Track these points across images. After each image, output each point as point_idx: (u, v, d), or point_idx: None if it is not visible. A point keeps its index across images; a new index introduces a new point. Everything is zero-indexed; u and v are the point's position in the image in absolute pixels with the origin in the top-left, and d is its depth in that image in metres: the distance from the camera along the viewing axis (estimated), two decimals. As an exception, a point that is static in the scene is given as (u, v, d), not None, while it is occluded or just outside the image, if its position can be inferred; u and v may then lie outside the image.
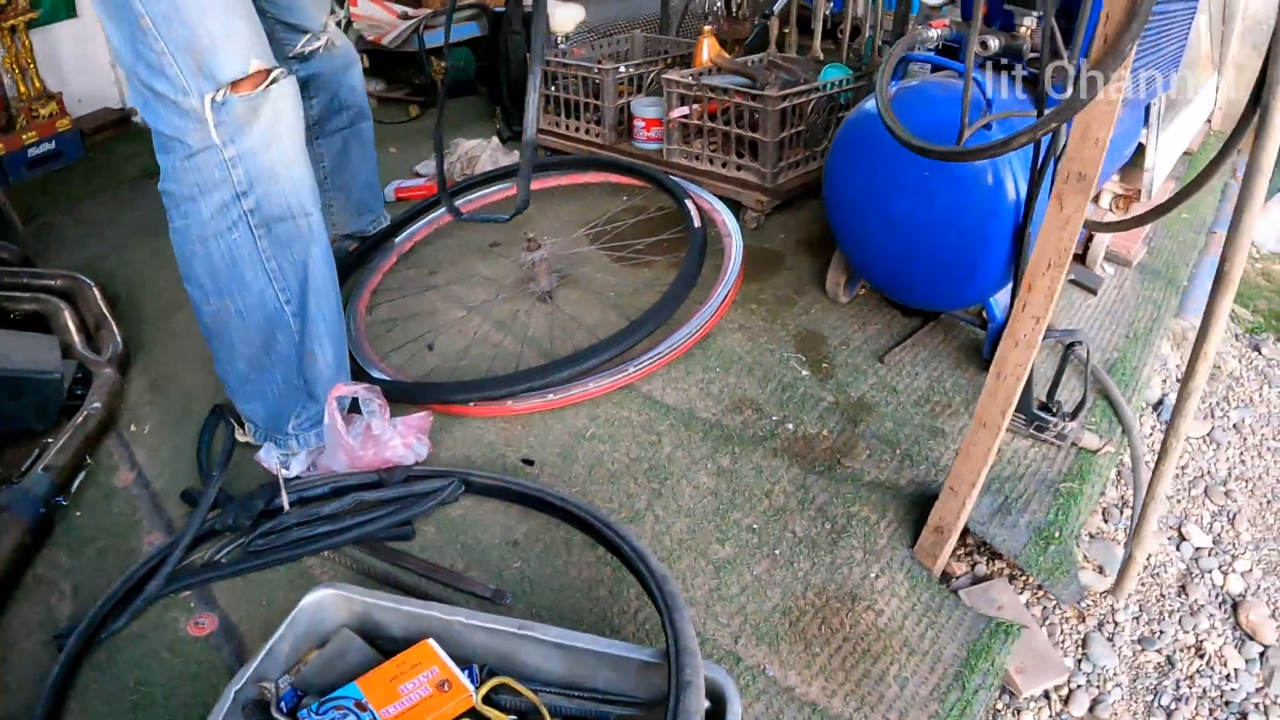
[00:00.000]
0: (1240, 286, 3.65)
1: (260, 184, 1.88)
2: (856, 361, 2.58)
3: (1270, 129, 1.33)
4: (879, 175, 2.41)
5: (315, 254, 2.01)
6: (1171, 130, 3.17)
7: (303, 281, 2.00)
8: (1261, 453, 2.67)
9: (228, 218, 1.88)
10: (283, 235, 1.94)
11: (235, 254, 1.91)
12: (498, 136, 4.12)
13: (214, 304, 1.97)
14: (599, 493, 2.10)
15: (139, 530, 2.03)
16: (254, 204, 1.88)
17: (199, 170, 1.84)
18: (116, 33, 1.78)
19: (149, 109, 1.83)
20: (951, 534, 1.85)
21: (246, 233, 1.90)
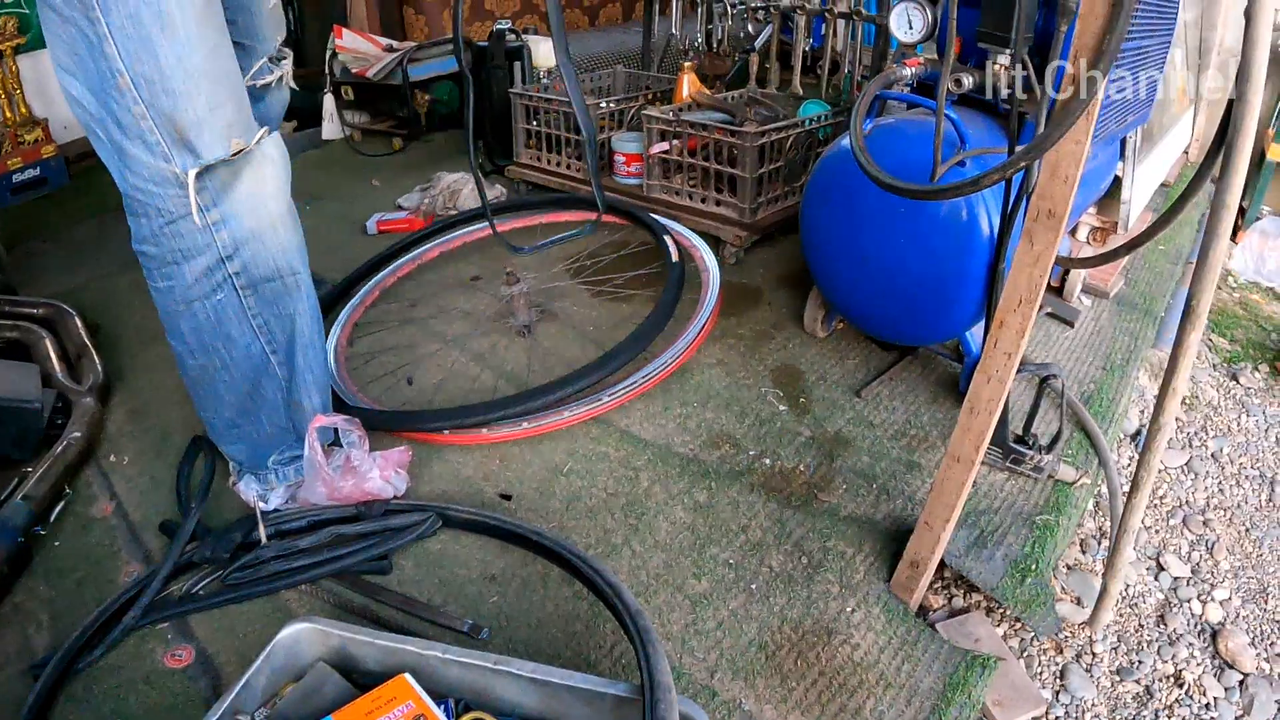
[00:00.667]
0: (1218, 316, 3.74)
1: (246, 247, 1.84)
2: (834, 396, 2.60)
3: (1235, 167, 1.37)
4: (855, 212, 2.44)
5: (303, 310, 1.99)
6: (1148, 163, 3.22)
7: (290, 336, 1.99)
8: (1240, 481, 2.71)
9: (212, 280, 1.84)
10: (269, 294, 1.92)
11: (221, 314, 1.88)
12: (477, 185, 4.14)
13: (199, 359, 1.94)
14: (576, 528, 2.11)
15: (117, 561, 2.03)
16: (240, 267, 1.85)
17: (180, 236, 1.79)
18: (79, 82, 1.67)
19: (118, 170, 1.74)
20: (927, 568, 1.86)
21: (232, 293, 1.87)
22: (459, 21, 2.15)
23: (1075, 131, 1.50)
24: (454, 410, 2.41)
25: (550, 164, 3.98)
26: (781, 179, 3.47)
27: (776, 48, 4.12)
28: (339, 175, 4.40)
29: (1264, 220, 4.36)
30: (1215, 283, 1.42)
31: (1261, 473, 2.79)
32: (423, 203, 3.88)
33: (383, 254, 3.25)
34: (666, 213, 3.50)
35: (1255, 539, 2.49)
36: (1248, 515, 2.58)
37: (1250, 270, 4.21)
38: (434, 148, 4.81)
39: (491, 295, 3.11)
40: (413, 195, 3.97)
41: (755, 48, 4.20)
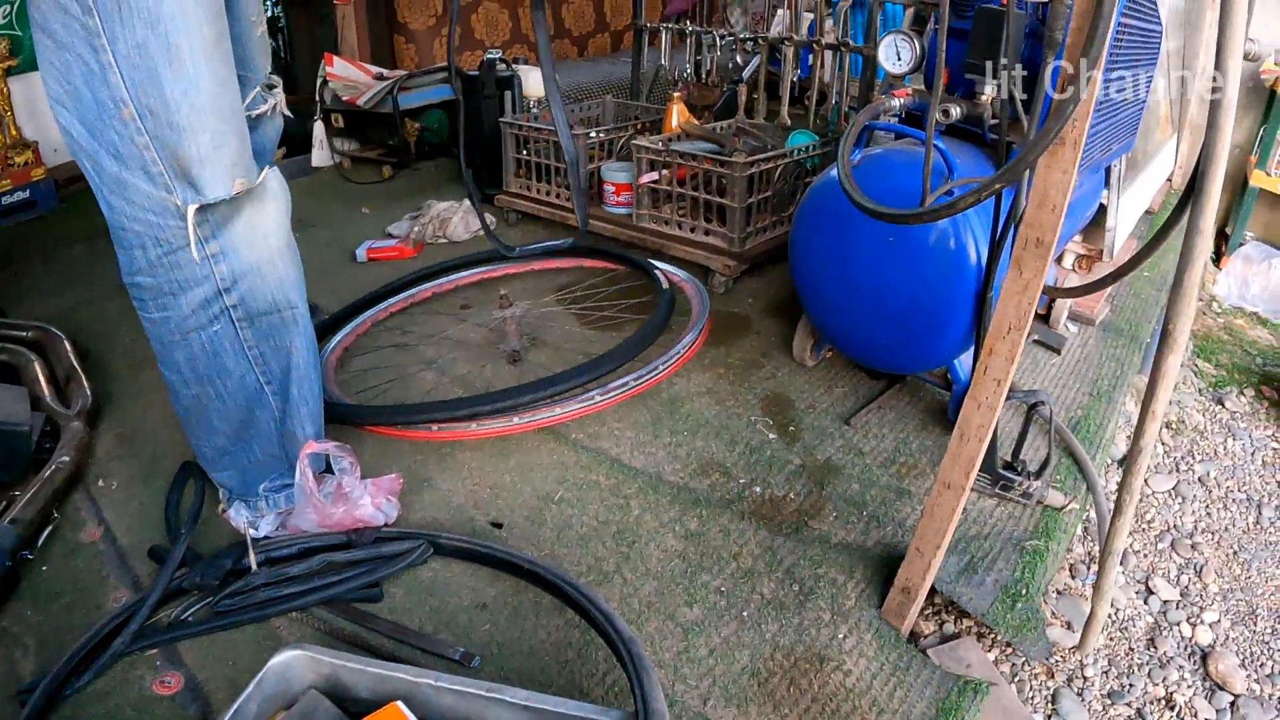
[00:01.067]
0: (1203, 341, 3.78)
1: (244, 281, 1.83)
2: (823, 424, 2.61)
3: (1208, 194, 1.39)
4: (844, 241, 2.46)
5: (299, 343, 2.00)
6: (1132, 191, 3.25)
7: (286, 368, 1.99)
8: (1227, 504, 2.74)
9: (209, 312, 1.83)
10: (266, 327, 1.92)
11: (217, 345, 1.87)
12: (469, 199, 4.16)
13: (193, 389, 1.93)
14: (568, 556, 2.10)
15: (105, 586, 2.01)
16: (237, 300, 1.84)
17: (179, 267, 1.77)
18: (70, 111, 1.64)
19: (113, 199, 1.72)
20: (918, 594, 1.86)
21: (229, 325, 1.86)
22: (454, 41, 2.15)
23: (1062, 161, 1.52)
24: (423, 406, 2.44)
25: (540, 193, 4.00)
26: (770, 209, 3.50)
27: (764, 78, 4.16)
28: (329, 202, 4.41)
29: (1247, 246, 4.41)
30: (1192, 307, 1.44)
31: (1249, 496, 2.81)
32: (413, 230, 3.89)
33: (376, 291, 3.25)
34: (656, 242, 3.53)
35: (1243, 561, 2.51)
36: (1235, 538, 2.60)
37: (1234, 295, 4.26)
38: (423, 176, 4.83)
39: (481, 325, 3.11)
40: (403, 223, 3.98)
41: (744, 78, 4.24)
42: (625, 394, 2.58)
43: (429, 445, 2.47)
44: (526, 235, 3.99)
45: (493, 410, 2.41)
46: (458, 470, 2.38)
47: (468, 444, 2.47)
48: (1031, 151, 1.48)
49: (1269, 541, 2.61)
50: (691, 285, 3.15)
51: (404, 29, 5.17)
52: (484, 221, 2.65)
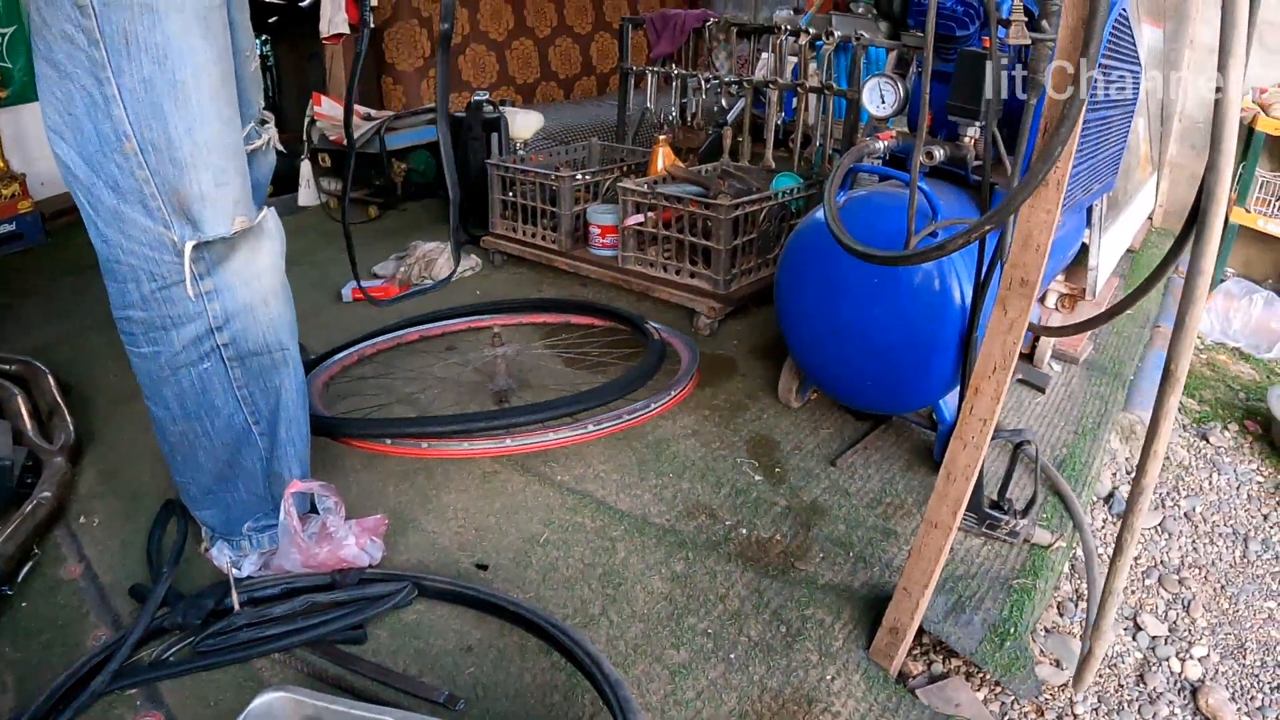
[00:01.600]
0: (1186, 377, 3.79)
1: (236, 320, 1.82)
2: (809, 465, 2.61)
3: (1209, 234, 1.40)
4: (829, 283, 2.48)
5: (289, 385, 1.98)
6: (1114, 230, 3.30)
7: (274, 409, 1.98)
8: (1213, 539, 2.75)
9: (200, 349, 1.82)
10: (256, 367, 1.91)
11: (206, 382, 1.86)
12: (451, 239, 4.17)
13: (180, 426, 1.91)
14: (553, 598, 2.09)
15: (86, 624, 1.98)
16: (229, 338, 1.83)
17: (171, 303, 1.76)
18: (67, 143, 1.64)
19: (109, 232, 1.70)
20: (906, 634, 1.86)
21: (219, 363, 1.85)
22: (446, 79, 2.13)
23: (1045, 201, 1.54)
24: (429, 419, 2.49)
25: (525, 234, 4.02)
26: (755, 251, 3.52)
27: (749, 121, 4.21)
28: (314, 241, 4.40)
29: (1228, 282, 4.46)
30: (1192, 346, 1.46)
31: (1235, 530, 2.82)
32: (398, 271, 3.89)
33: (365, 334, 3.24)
34: (641, 284, 3.55)
35: (1231, 595, 2.52)
36: (1223, 572, 2.61)
37: (1217, 331, 4.29)
38: (409, 216, 4.84)
39: (466, 366, 3.10)
40: (388, 263, 3.99)
41: (728, 121, 4.28)
42: (619, 425, 2.58)
43: (413, 488, 2.45)
44: (512, 277, 4.00)
45: (486, 428, 2.40)
46: (443, 512, 2.37)
47: (453, 486, 2.46)
48: (1019, 195, 1.50)
49: (1256, 575, 2.62)
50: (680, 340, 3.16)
51: (392, 70, 5.21)
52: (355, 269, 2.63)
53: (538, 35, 5.97)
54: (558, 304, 3.52)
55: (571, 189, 3.82)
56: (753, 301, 3.57)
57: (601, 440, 2.65)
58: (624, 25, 4.65)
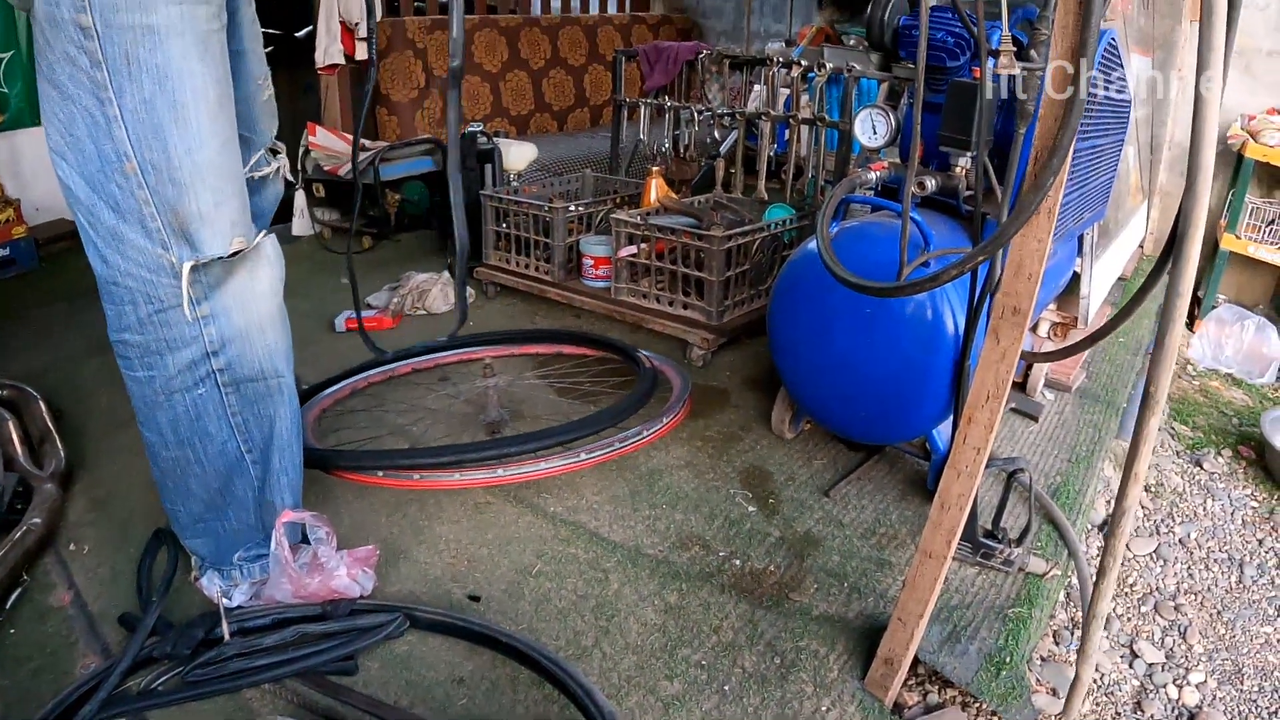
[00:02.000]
0: (1179, 404, 3.81)
1: (233, 345, 1.83)
2: (802, 496, 2.61)
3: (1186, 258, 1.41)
4: (821, 314, 2.49)
5: (283, 413, 1.98)
6: (1105, 258, 3.31)
7: (268, 437, 1.97)
8: (1209, 565, 2.76)
9: (195, 374, 1.82)
10: (251, 394, 1.91)
11: (201, 409, 1.86)
12: (448, 270, 4.18)
13: (173, 452, 1.91)
14: (546, 629, 2.07)
15: (74, 652, 1.97)
16: (225, 364, 1.84)
17: (168, 326, 1.76)
18: (69, 164, 1.66)
19: (108, 253, 1.71)
20: (901, 665, 1.85)
21: (214, 389, 1.85)
22: (458, 117, 2.12)
23: (1037, 230, 1.55)
24: (421, 451, 2.49)
25: (519, 266, 4.02)
26: (748, 282, 3.53)
27: (742, 153, 4.24)
28: (308, 271, 4.40)
29: (1220, 308, 4.48)
30: (1172, 369, 1.46)
31: (1230, 555, 2.83)
32: (391, 301, 3.89)
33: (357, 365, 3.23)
34: (634, 316, 3.55)
35: (1227, 621, 2.52)
36: (1218, 598, 2.61)
37: (1209, 358, 4.31)
38: (403, 247, 4.84)
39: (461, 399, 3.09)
40: (382, 294, 3.99)
41: (721, 153, 4.30)
42: (612, 454, 2.58)
43: (405, 518, 2.44)
44: (506, 308, 4.00)
45: (477, 459, 2.39)
46: (435, 543, 2.35)
47: (445, 516, 2.45)
48: (1011, 225, 1.51)
49: (1252, 600, 2.62)
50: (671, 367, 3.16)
51: (387, 100, 5.23)
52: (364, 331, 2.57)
53: (532, 67, 6.00)
54: (550, 334, 3.52)
55: (565, 220, 3.84)
56: (745, 333, 3.57)
57: (594, 471, 2.64)
58: (618, 57, 4.68)
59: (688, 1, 7.57)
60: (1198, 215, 1.40)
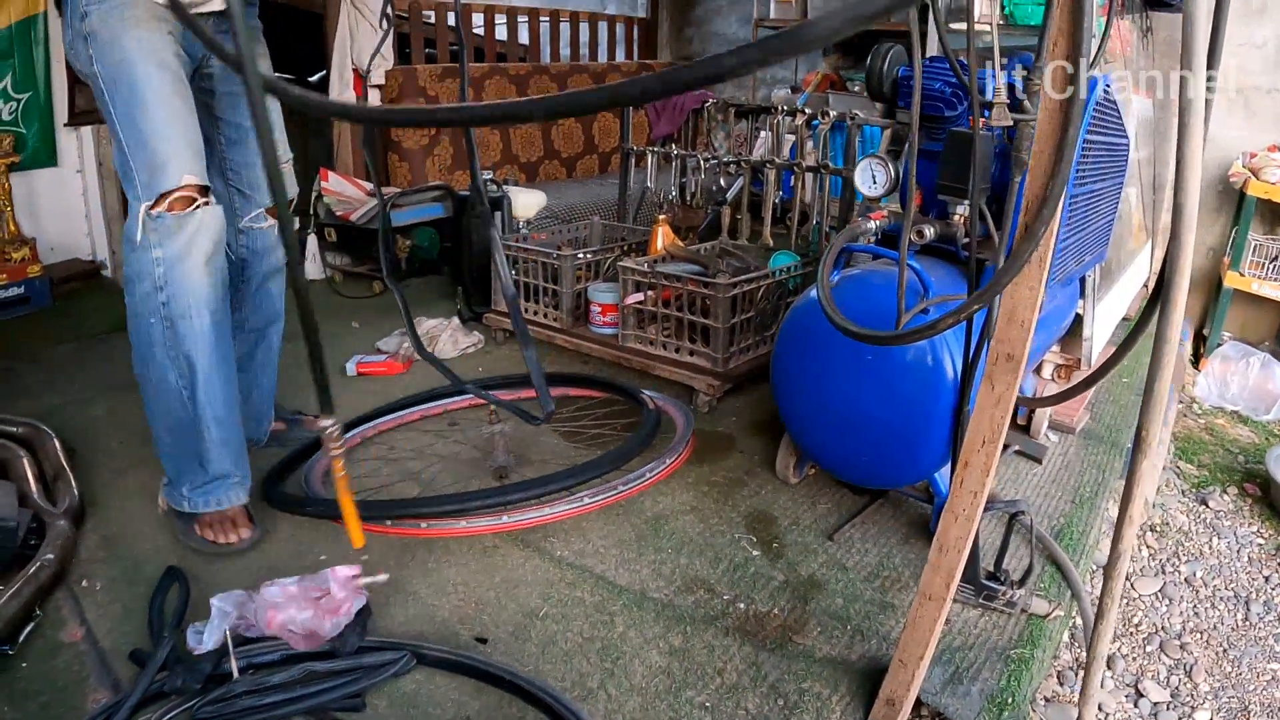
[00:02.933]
0: (1184, 443, 3.83)
1: (171, 284, 2.26)
2: (807, 540, 2.63)
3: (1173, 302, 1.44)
4: (824, 360, 2.52)
5: (204, 350, 2.33)
6: (1108, 300, 3.33)
7: (193, 373, 2.34)
8: (1215, 603, 2.76)
9: (150, 305, 2.28)
10: (182, 331, 2.30)
11: (151, 336, 2.31)
12: (458, 316, 4.23)
13: (139, 371, 2.38)
14: (552, 671, 2.09)
15: (85, 687, 1.98)
16: (166, 299, 2.27)
17: (139, 262, 2.26)
18: (114, 141, 2.27)
19: (130, 206, 2.28)
20: (903, 706, 1.86)
21: (160, 322, 2.28)
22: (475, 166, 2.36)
23: (1029, 279, 1.59)
24: (426, 500, 2.52)
25: (529, 312, 4.06)
26: (753, 329, 3.57)
27: (748, 200, 4.30)
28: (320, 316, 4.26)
29: (1225, 346, 4.51)
30: (1162, 412, 1.48)
31: (1236, 593, 2.83)
32: (401, 347, 3.94)
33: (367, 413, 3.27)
34: (641, 362, 3.59)
35: (1233, 659, 2.52)
36: (1224, 636, 2.62)
37: (1214, 395, 4.33)
38: (413, 293, 4.88)
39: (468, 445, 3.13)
40: (391, 339, 4.03)
41: (727, 200, 4.36)
42: (617, 496, 2.60)
43: (414, 560, 2.47)
44: (514, 354, 4.04)
45: (481, 507, 2.42)
46: (442, 585, 2.38)
47: (453, 559, 2.48)
48: (1004, 275, 1.55)
49: (1258, 637, 2.63)
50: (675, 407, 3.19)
51: (398, 147, 5.31)
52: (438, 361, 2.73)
53: (541, 115, 6.09)
54: (557, 379, 3.55)
55: (573, 267, 3.89)
56: (750, 379, 3.61)
57: (601, 516, 2.67)
58: (625, 106, 4.76)
59: (695, 49, 7.70)
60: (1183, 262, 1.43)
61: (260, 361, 2.92)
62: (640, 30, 7.56)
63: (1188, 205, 1.42)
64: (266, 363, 2.94)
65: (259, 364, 2.91)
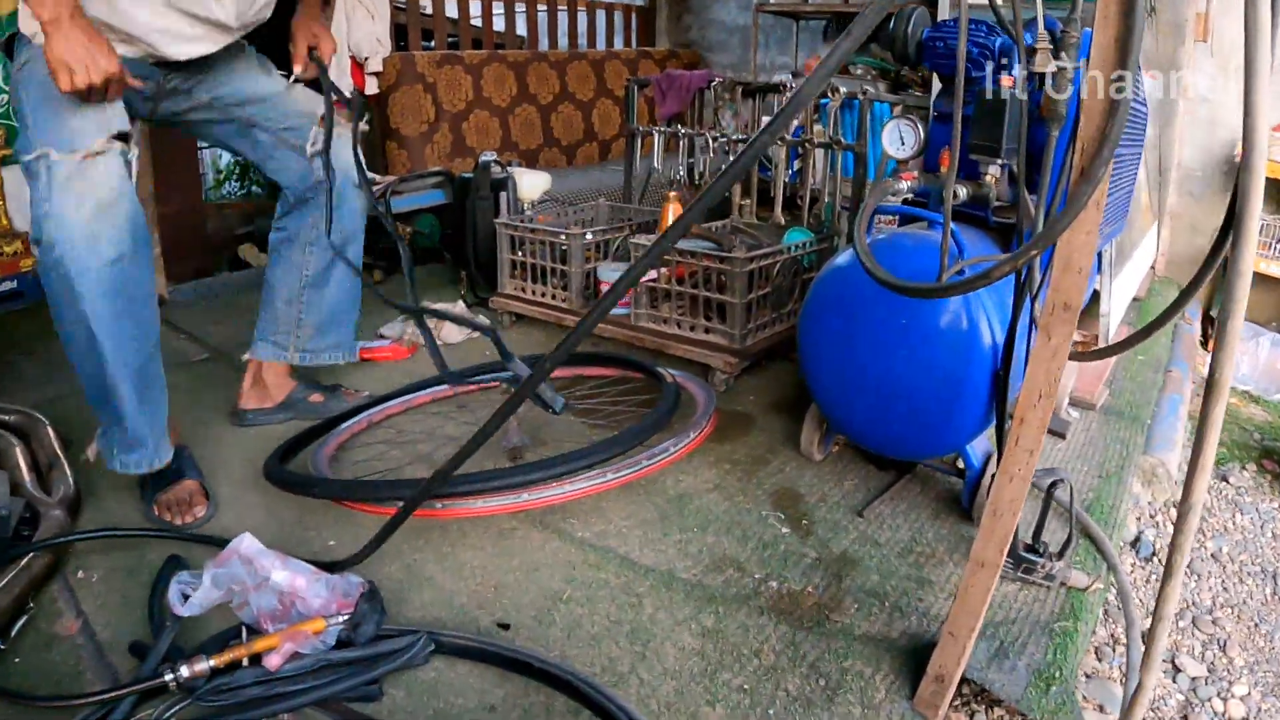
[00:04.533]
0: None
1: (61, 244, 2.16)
2: (836, 517, 2.53)
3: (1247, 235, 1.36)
4: (854, 328, 2.42)
5: (101, 305, 2.22)
6: (1122, 277, 3.27)
7: (92, 329, 2.23)
8: (1243, 578, 2.73)
9: (46, 259, 2.18)
10: (80, 289, 2.19)
11: (55, 291, 2.22)
12: (463, 301, 4.13)
13: (55, 324, 2.29)
14: (579, 656, 1.99)
15: (81, 681, 1.88)
16: (59, 256, 2.16)
17: (35, 222, 2.18)
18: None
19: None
20: (952, 681, 1.76)
21: (59, 279, 2.19)
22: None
23: (1085, 223, 1.49)
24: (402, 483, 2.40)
25: (535, 294, 3.96)
26: (769, 306, 3.47)
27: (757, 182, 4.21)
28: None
29: (1234, 326, 4.44)
30: (1235, 352, 1.41)
31: (1263, 568, 2.79)
32: (405, 332, 3.84)
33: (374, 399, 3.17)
34: (655, 341, 3.48)
35: (1265, 633, 2.48)
36: (1255, 610, 2.57)
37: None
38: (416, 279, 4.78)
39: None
40: (395, 324, 3.93)
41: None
42: (639, 472, 2.46)
43: (428, 545, 2.37)
44: (522, 336, 3.95)
45: (502, 486, 2.30)
46: (459, 570, 2.28)
47: (469, 543, 2.38)
48: (1064, 218, 1.45)
49: None
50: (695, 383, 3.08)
51: (396, 134, 5.20)
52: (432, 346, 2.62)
53: (540, 101, 5.99)
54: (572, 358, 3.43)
55: (582, 247, 3.78)
56: (767, 356, 3.51)
57: (621, 496, 2.57)
58: (630, 86, 4.66)
59: (694, 36, 7.60)
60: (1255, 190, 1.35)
61: (336, 276, 2.93)
62: (639, 18, 7.47)
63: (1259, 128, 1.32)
64: (343, 278, 2.95)
65: (335, 279, 2.93)
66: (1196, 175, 4.78)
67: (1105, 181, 1.46)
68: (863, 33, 1.33)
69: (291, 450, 2.73)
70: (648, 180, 4.68)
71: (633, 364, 3.21)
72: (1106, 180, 1.46)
